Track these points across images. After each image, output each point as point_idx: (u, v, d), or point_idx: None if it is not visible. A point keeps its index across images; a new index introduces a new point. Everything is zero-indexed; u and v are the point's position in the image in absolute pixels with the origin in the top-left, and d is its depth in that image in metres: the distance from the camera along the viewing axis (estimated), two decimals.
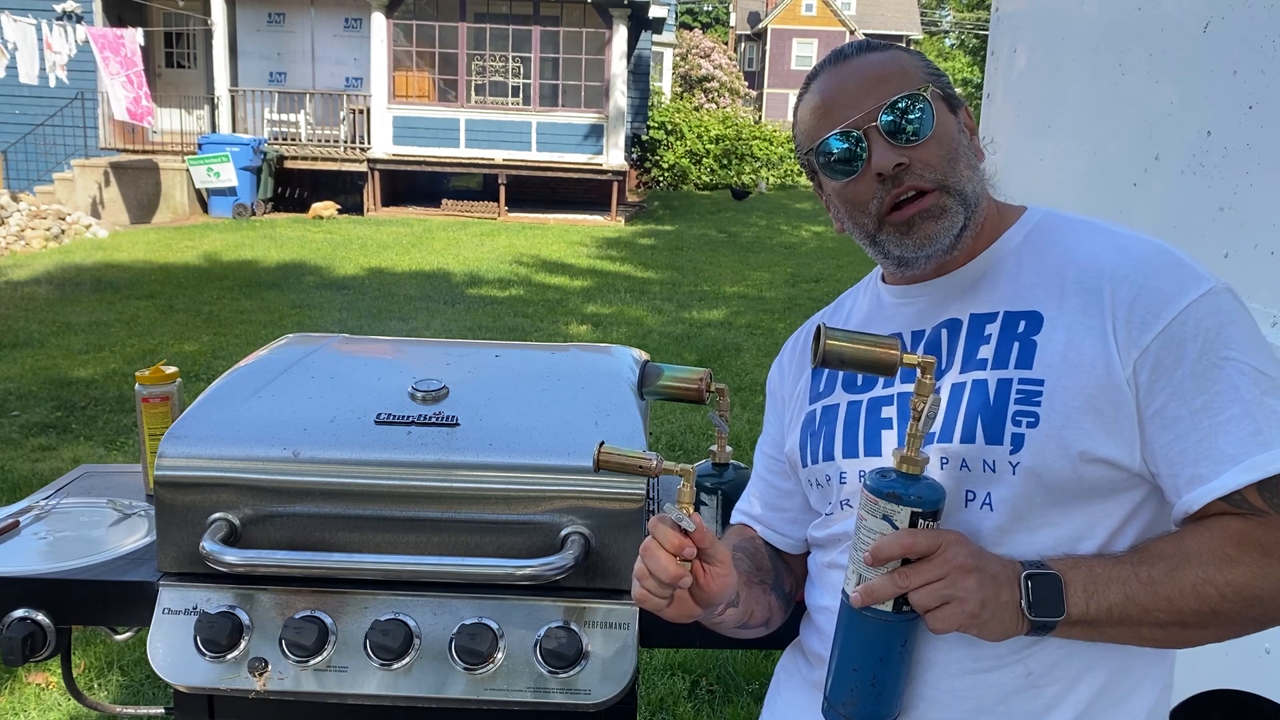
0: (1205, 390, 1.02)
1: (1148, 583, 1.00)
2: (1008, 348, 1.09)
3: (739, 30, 43.85)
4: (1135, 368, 1.04)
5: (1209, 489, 1.01)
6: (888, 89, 1.11)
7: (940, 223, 1.12)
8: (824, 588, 1.23)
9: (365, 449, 1.41)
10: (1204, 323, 1.03)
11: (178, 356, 6.89)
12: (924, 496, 1.00)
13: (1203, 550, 1.01)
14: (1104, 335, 1.05)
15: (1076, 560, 1.03)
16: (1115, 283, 1.07)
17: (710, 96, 25.72)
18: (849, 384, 1.23)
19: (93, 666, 3.20)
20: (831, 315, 1.35)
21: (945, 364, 1.14)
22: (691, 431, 5.71)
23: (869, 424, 1.18)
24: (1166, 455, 1.04)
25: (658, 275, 11.34)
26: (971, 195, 1.13)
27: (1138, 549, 1.05)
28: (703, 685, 3.23)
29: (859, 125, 1.11)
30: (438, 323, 8.42)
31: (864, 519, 1.02)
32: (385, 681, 1.36)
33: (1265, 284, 1.73)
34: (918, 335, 1.19)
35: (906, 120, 1.10)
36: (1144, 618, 1.00)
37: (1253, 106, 1.78)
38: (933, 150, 1.11)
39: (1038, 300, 1.11)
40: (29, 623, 1.42)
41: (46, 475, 4.72)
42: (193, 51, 17.14)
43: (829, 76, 1.16)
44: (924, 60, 1.17)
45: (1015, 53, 2.95)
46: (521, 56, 16.59)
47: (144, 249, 11.70)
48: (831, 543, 1.22)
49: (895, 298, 1.24)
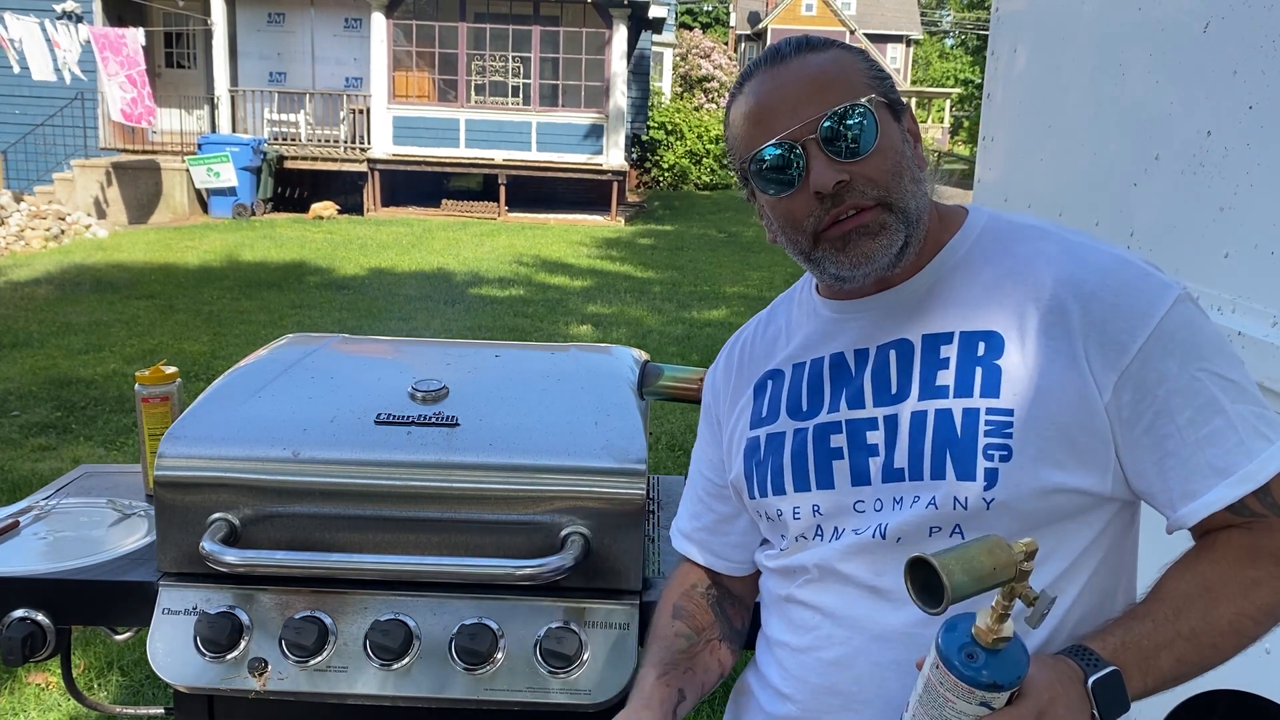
0: (1189, 405, 1.01)
1: (1190, 637, 0.98)
2: (969, 373, 1.04)
3: (739, 30, 43.83)
4: (1115, 391, 1.01)
5: (1203, 503, 1.01)
6: (828, 97, 1.03)
7: (879, 240, 1.05)
8: (784, 621, 1.18)
9: (365, 449, 1.41)
10: (1178, 335, 1.01)
11: (178, 356, 6.88)
12: (1022, 675, 0.90)
13: (1226, 581, 1.00)
14: (1073, 358, 1.02)
15: (1122, 636, 0.98)
16: (1083, 301, 1.03)
17: (710, 96, 25.71)
18: (793, 409, 1.16)
19: (93, 666, 3.20)
20: (765, 327, 1.27)
21: (899, 389, 1.08)
22: (691, 431, 5.70)
23: (818, 454, 1.12)
24: (1157, 472, 1.02)
25: (658, 275, 11.34)
26: (914, 211, 1.06)
27: (1163, 595, 1.01)
28: None
29: (796, 137, 1.03)
30: (438, 323, 8.41)
31: (950, 700, 0.91)
32: (385, 682, 1.36)
33: (1265, 284, 1.73)
34: (862, 355, 1.13)
35: (848, 133, 1.03)
36: (1192, 672, 0.99)
37: (1253, 106, 1.78)
38: (875, 165, 1.04)
39: (994, 319, 1.06)
40: (29, 623, 1.42)
41: (46, 475, 4.71)
42: (192, 51, 17.13)
43: (764, 79, 1.07)
44: (867, 61, 1.09)
45: (1015, 53, 2.95)
46: (521, 56, 16.59)
47: (144, 249, 11.69)
48: (788, 575, 1.17)
49: (834, 313, 1.17)
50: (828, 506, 1.11)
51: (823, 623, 1.12)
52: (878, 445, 1.08)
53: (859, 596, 1.09)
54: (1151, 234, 2.11)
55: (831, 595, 1.11)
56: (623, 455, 1.41)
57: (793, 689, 1.15)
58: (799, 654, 1.14)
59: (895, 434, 1.07)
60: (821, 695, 1.11)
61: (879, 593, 1.07)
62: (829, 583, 1.11)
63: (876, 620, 1.07)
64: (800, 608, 1.15)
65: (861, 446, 1.10)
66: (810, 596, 1.13)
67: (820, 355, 1.17)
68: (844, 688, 1.09)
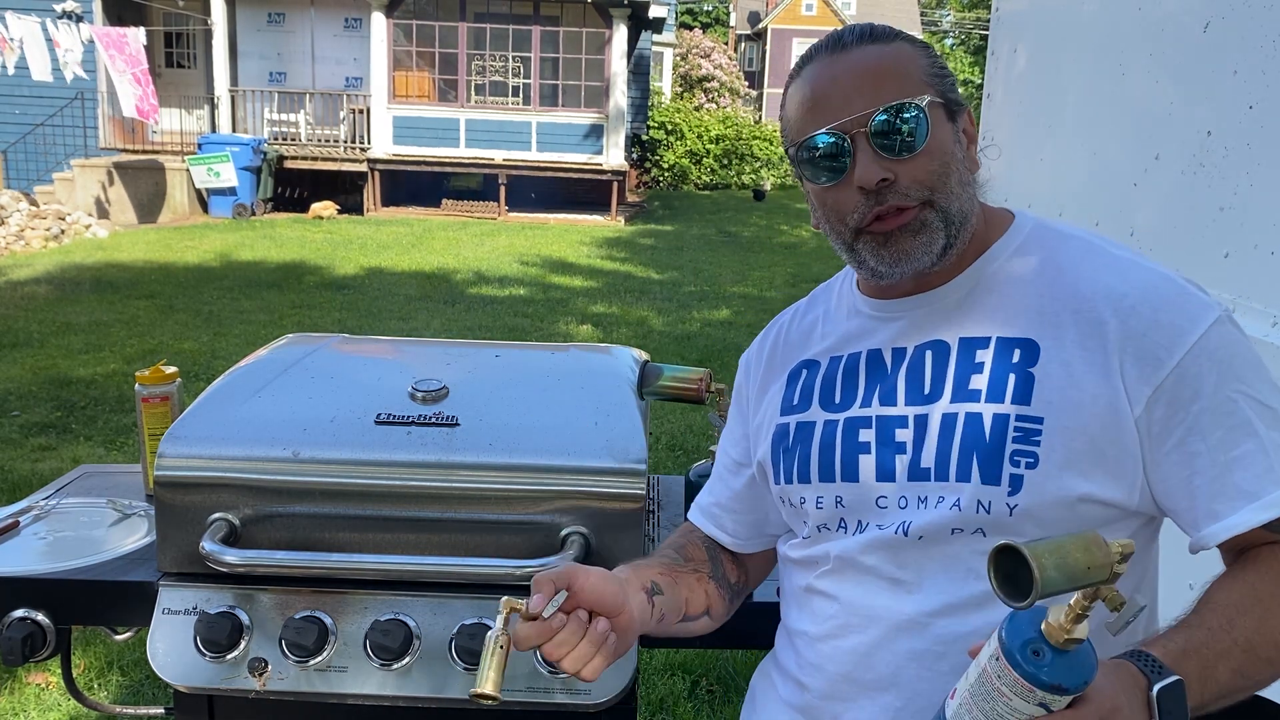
0: (1221, 425, 1.00)
1: (1247, 648, 0.96)
2: (1003, 379, 1.04)
3: (739, 30, 43.83)
4: (1149, 405, 1.00)
5: (1226, 525, 1.00)
6: (882, 91, 1.03)
7: (919, 239, 1.05)
8: (803, 611, 1.18)
9: (365, 449, 1.41)
10: (1216, 354, 1.01)
11: (178, 356, 6.88)
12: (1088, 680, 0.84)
13: (1277, 594, 0.99)
14: (1108, 372, 1.01)
15: (1183, 645, 0.95)
16: (1122, 315, 1.02)
17: (710, 96, 25.72)
18: (826, 400, 1.17)
19: (93, 666, 3.20)
20: (804, 316, 1.28)
21: (932, 389, 1.08)
22: (691, 431, 5.71)
23: (845, 447, 1.12)
24: (1184, 490, 1.02)
25: (658, 275, 11.34)
26: (958, 213, 1.06)
27: (1215, 605, 0.99)
28: (703, 685, 3.23)
29: (847, 129, 1.03)
30: (438, 323, 8.41)
31: (1004, 695, 0.85)
32: (385, 682, 1.36)
33: (1265, 284, 1.73)
34: (899, 353, 1.13)
35: (899, 130, 1.02)
36: (1246, 686, 0.98)
37: (1253, 106, 1.78)
38: (923, 165, 1.04)
39: (1033, 327, 1.06)
40: (29, 623, 1.42)
41: (46, 475, 4.71)
42: (193, 51, 17.14)
43: (823, 65, 1.07)
44: (930, 57, 1.08)
45: (1015, 53, 2.95)
46: (521, 56, 16.59)
47: (144, 249, 11.70)
48: (808, 565, 1.17)
49: (875, 310, 1.17)
50: (850, 499, 1.12)
51: (841, 612, 1.12)
52: (906, 443, 1.09)
53: (879, 587, 1.09)
54: (1151, 234, 2.11)
55: (851, 585, 1.12)
56: (623, 455, 1.41)
57: (810, 677, 1.15)
58: (817, 642, 1.15)
59: (924, 433, 1.07)
60: (838, 683, 1.12)
61: (900, 584, 1.08)
62: (848, 573, 1.12)
63: (895, 610, 1.07)
64: (819, 597, 1.15)
65: (889, 443, 1.10)
66: (829, 586, 1.14)
67: (858, 350, 1.17)
68: (861, 676, 1.10)
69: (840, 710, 1.12)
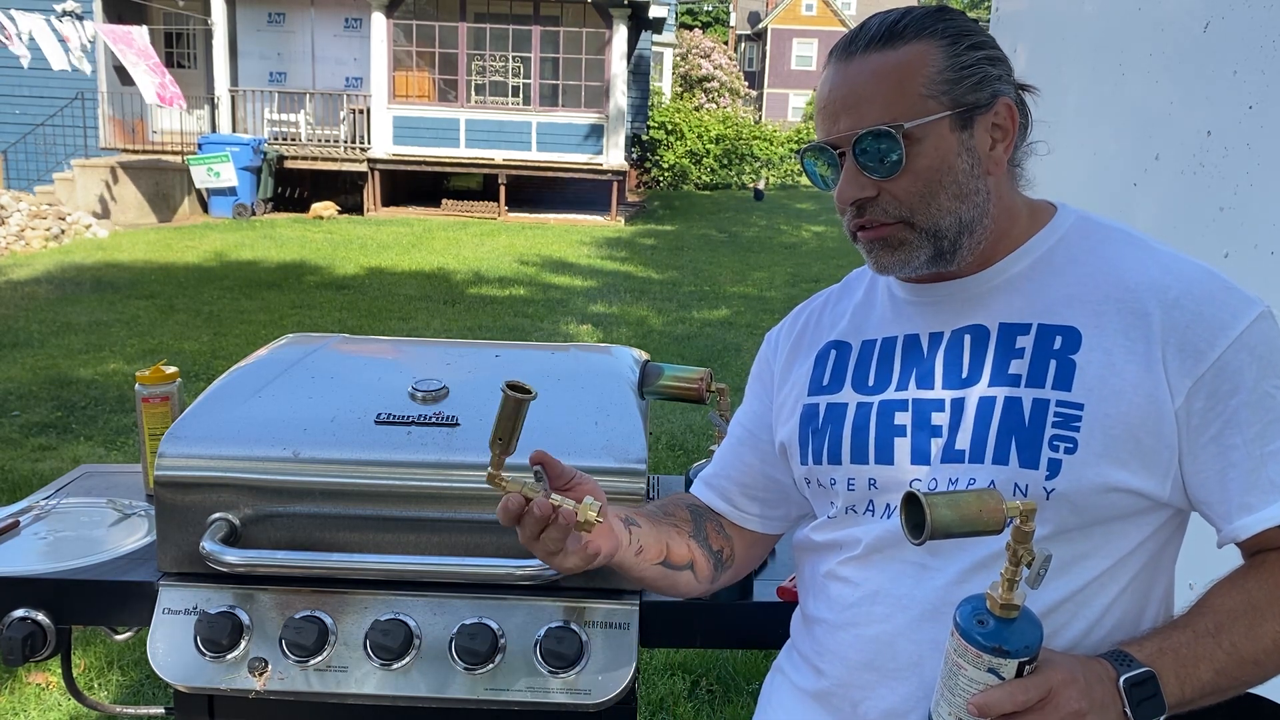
0: (1259, 419, 1.01)
1: (1231, 651, 0.98)
2: (1043, 365, 1.05)
3: (739, 30, 43.85)
4: (1189, 397, 1.01)
5: (1258, 518, 1.01)
6: (870, 111, 1.04)
7: (897, 254, 1.09)
8: (822, 598, 1.19)
9: (365, 449, 1.42)
10: (1257, 350, 1.02)
11: (178, 356, 6.89)
12: (1030, 646, 0.92)
13: (1273, 600, 1.00)
14: (1150, 362, 1.02)
15: (1160, 644, 0.99)
16: (1165, 307, 1.04)
17: (710, 96, 25.74)
18: (859, 383, 1.17)
19: (93, 666, 3.20)
20: (838, 301, 1.28)
21: (970, 373, 1.09)
22: (691, 431, 5.71)
23: (880, 430, 1.13)
24: (1218, 482, 1.03)
25: (658, 275, 11.34)
26: (949, 227, 1.07)
27: (1207, 609, 1.01)
28: (703, 685, 3.23)
29: (836, 145, 1.08)
30: (438, 323, 8.42)
31: (962, 667, 0.94)
32: (385, 681, 1.36)
33: (1265, 284, 1.73)
34: (936, 337, 1.14)
35: (877, 152, 1.05)
36: (1232, 686, 0.99)
37: (1253, 106, 1.78)
38: (904, 185, 1.06)
39: (1074, 315, 1.07)
40: (29, 623, 1.43)
41: (46, 475, 4.71)
42: (193, 51, 17.14)
43: (831, 70, 1.10)
44: (953, 55, 1.06)
45: (1015, 53, 2.95)
46: (521, 56, 16.59)
47: (144, 249, 11.70)
48: (831, 549, 1.18)
49: (910, 294, 1.18)
50: (884, 481, 1.12)
51: (864, 599, 1.12)
52: (941, 427, 1.09)
53: (906, 571, 1.09)
54: (1151, 234, 2.10)
55: (877, 571, 1.12)
56: (623, 455, 1.41)
57: (828, 664, 1.16)
58: (837, 630, 1.15)
59: (960, 417, 1.08)
60: (857, 671, 1.12)
61: (927, 569, 1.08)
62: (875, 558, 1.12)
63: (920, 596, 1.08)
64: (841, 584, 1.15)
65: (925, 426, 1.10)
66: (852, 573, 1.14)
67: (894, 334, 1.18)
68: (884, 663, 1.10)
69: (860, 697, 1.12)
